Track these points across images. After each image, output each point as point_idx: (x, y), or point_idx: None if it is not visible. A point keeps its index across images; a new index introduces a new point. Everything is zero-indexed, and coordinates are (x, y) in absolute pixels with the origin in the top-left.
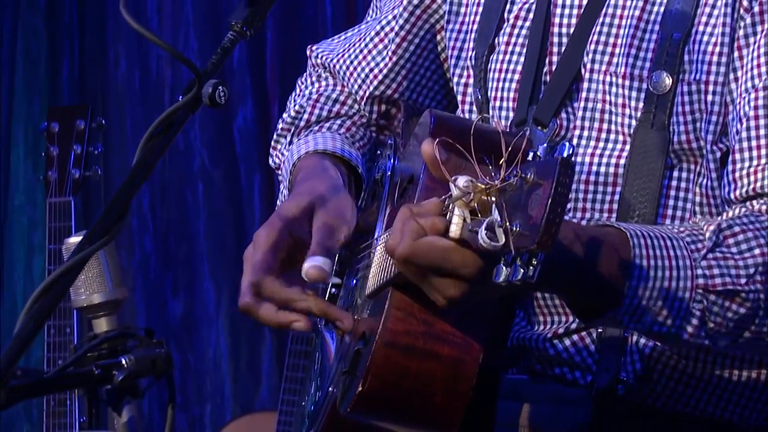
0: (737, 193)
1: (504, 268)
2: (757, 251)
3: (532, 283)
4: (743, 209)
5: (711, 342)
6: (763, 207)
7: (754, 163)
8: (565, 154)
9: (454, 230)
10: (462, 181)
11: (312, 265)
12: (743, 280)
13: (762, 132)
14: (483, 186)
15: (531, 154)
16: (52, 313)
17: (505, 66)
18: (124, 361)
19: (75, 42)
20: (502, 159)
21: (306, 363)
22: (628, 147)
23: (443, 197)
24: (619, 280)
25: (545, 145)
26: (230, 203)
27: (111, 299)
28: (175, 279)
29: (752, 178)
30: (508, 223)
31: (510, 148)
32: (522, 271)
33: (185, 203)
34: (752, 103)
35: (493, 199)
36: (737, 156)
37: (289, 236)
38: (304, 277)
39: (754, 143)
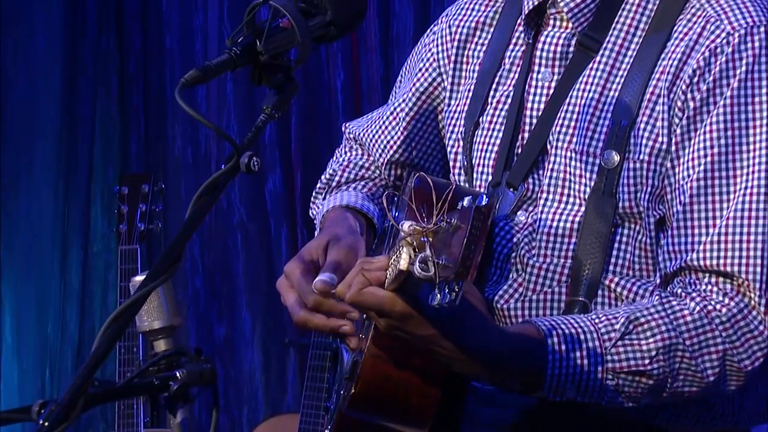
0: (670, 264)
1: (438, 294)
2: (658, 337)
3: (456, 306)
4: (657, 298)
5: (632, 403)
6: (679, 288)
7: (686, 240)
8: (482, 203)
9: (402, 263)
10: (406, 225)
11: (319, 279)
12: (647, 361)
13: (695, 215)
14: (420, 229)
15: (460, 204)
16: (122, 336)
17: (486, 140)
18: (178, 374)
19: (141, 123)
20: (435, 207)
21: (322, 375)
22: (583, 209)
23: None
24: (540, 371)
25: (470, 197)
26: (262, 250)
27: (168, 325)
28: (219, 309)
29: (681, 255)
30: (435, 258)
31: (442, 199)
32: (449, 296)
33: (227, 250)
34: (687, 192)
35: (429, 239)
36: (674, 232)
37: (311, 266)
38: (314, 290)
39: (689, 223)
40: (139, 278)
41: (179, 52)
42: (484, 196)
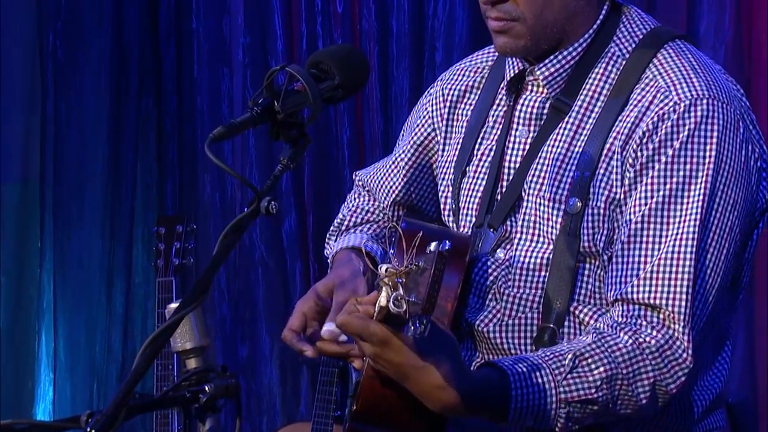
0: (609, 294)
1: (411, 326)
2: (602, 368)
3: (425, 336)
4: (593, 335)
5: (579, 425)
6: (616, 315)
7: (623, 274)
8: (445, 248)
9: (382, 300)
10: (383, 268)
11: (325, 329)
12: (593, 390)
13: (632, 253)
14: (394, 271)
15: (428, 248)
16: (159, 355)
17: (472, 187)
18: (207, 388)
19: (176, 173)
20: (406, 252)
21: (330, 389)
22: (551, 247)
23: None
24: (504, 406)
25: (436, 242)
26: (279, 282)
27: (198, 346)
28: (242, 332)
29: (619, 286)
30: (407, 296)
31: (412, 245)
32: (420, 328)
33: (249, 281)
34: (627, 233)
35: (403, 279)
36: (614, 266)
37: (316, 305)
38: (323, 336)
39: (626, 260)
40: (174, 305)
41: (209, 112)
42: (447, 242)
